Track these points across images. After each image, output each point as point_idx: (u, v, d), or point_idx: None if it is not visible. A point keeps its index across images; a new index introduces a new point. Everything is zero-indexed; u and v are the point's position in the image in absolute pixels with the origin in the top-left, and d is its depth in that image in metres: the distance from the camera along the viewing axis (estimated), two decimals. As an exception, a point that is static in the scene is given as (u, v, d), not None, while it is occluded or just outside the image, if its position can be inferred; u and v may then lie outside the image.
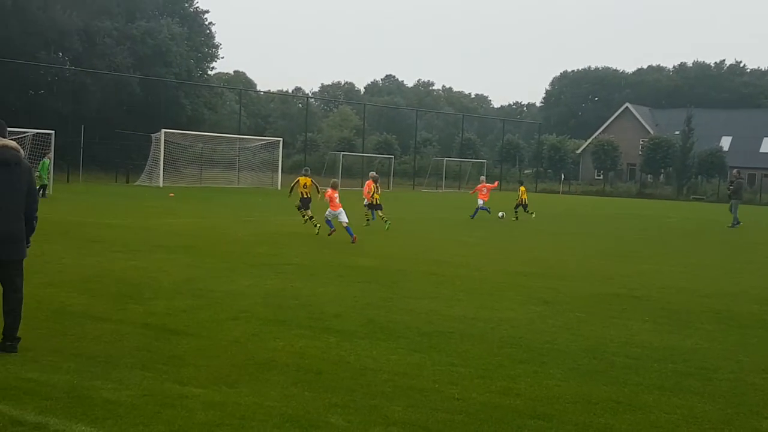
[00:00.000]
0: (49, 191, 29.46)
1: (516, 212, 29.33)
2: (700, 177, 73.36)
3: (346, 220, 18.90)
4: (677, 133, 75.46)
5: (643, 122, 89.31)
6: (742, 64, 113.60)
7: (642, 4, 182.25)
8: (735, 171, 34.43)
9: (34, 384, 6.07)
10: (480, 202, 28.76)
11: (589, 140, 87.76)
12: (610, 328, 9.32)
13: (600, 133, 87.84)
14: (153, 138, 45.75)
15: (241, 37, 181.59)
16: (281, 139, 54.27)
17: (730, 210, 30.77)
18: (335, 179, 22.02)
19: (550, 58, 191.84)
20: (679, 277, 14.47)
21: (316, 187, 21.39)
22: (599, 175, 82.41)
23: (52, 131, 33.83)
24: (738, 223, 29.95)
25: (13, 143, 7.09)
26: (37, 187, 27.64)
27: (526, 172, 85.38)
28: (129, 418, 5.43)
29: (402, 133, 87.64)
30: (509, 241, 20.80)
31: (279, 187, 49.16)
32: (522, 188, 29.58)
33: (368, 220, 22.86)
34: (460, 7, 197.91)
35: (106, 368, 6.59)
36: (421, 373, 6.95)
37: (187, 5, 67.50)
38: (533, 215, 29.59)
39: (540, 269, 14.66)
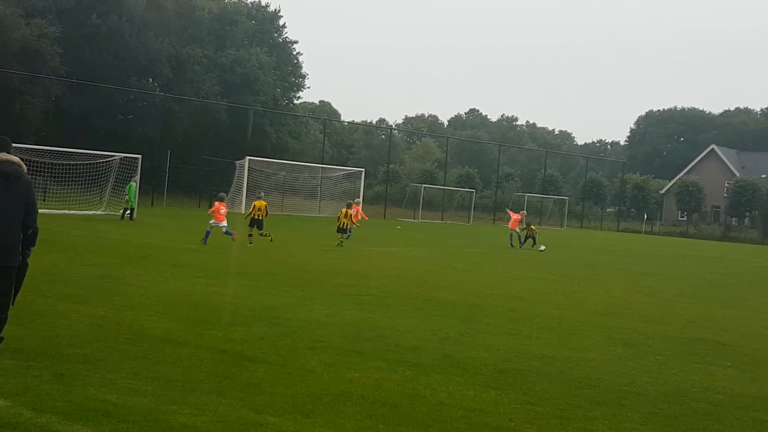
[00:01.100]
0: (135, 214, 30.38)
1: None
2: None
3: (225, 225, 22.64)
4: (764, 176, 73.26)
5: (729, 164, 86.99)
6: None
7: (730, 45, 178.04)
8: None
9: (112, 406, 6.18)
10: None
11: (674, 181, 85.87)
12: (691, 372, 9.06)
13: (684, 174, 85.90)
14: (237, 165, 46.78)
15: (328, 68, 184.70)
16: (363, 169, 54.77)
17: None
18: (222, 193, 25.89)
19: (635, 96, 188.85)
20: (763, 324, 14.00)
21: (266, 210, 23.76)
22: (683, 217, 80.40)
23: (139, 155, 34.95)
24: None
25: (16, 159, 7.49)
26: (124, 210, 28.37)
27: (608, 210, 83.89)
28: (206, 441, 5.52)
29: (484, 167, 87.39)
30: (591, 280, 20.43)
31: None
32: None
33: (341, 242, 24.67)
34: (546, 44, 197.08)
35: (183, 393, 6.70)
36: (497, 410, 6.88)
37: (276, 35, 69.22)
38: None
39: (621, 309, 14.36)
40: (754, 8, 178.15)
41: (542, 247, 29.93)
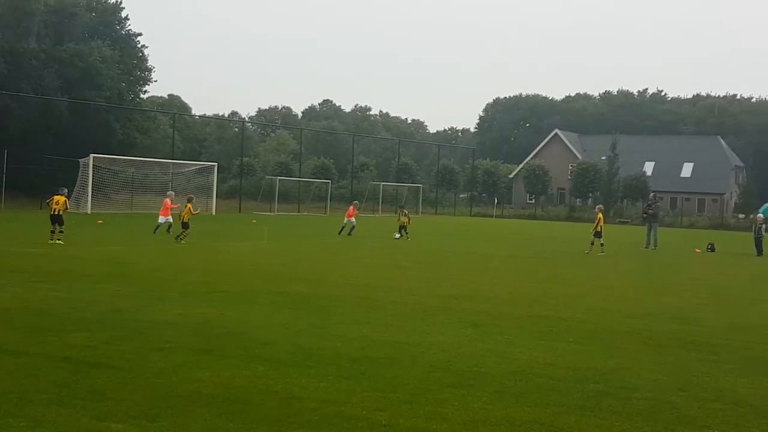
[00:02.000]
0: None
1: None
2: (625, 201, 75.39)
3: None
4: (603, 158, 77.53)
5: (571, 147, 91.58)
6: (663, 93, 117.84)
7: (569, 35, 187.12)
8: (652, 195, 35.84)
9: (-57, 422, 5.83)
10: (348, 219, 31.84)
11: (521, 165, 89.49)
12: (536, 350, 9.46)
13: (531, 158, 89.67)
14: (81, 163, 44.77)
15: (176, 61, 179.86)
16: (216, 163, 53.76)
17: (649, 232, 31.68)
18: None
19: (484, 84, 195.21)
20: (603, 299, 14.80)
21: (67, 205, 23.55)
22: (531, 199, 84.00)
23: (-28, 157, 32.88)
24: (655, 245, 30.93)
25: None
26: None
27: (461, 196, 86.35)
28: (43, 454, 5.25)
29: (339, 157, 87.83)
30: (443, 265, 20.96)
31: (214, 212, 48.62)
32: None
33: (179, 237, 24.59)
34: (397, 34, 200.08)
35: (19, 405, 6.36)
36: (350, 399, 6.92)
37: (118, 27, 66.52)
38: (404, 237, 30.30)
39: (471, 292, 14.80)
40: (589, 1, 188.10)
41: (396, 235, 30.41)
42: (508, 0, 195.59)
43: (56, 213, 22.71)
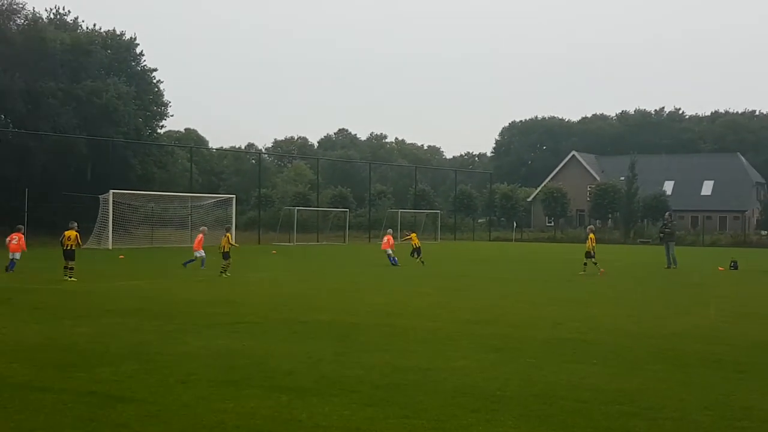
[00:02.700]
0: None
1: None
2: (645, 220, 74.91)
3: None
4: (622, 179, 77.21)
5: (589, 169, 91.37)
6: (680, 111, 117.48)
7: (584, 54, 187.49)
8: (667, 214, 35.87)
9: (-28, 461, 5.89)
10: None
11: (539, 188, 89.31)
12: (560, 372, 9.41)
13: (549, 181, 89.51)
14: (101, 199, 45.20)
15: (191, 95, 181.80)
16: (234, 196, 54.06)
17: (667, 252, 31.65)
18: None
19: (499, 107, 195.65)
20: (626, 320, 14.69)
21: (79, 240, 23.75)
22: (550, 222, 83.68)
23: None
24: (675, 264, 30.81)
25: None
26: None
27: (479, 221, 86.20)
28: (72, 489, 5.29)
29: (356, 186, 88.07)
30: (463, 290, 20.90)
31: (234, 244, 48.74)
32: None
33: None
34: (410, 61, 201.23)
35: (47, 440, 6.42)
36: (374, 427, 6.92)
37: (134, 64, 67.40)
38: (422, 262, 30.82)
39: (493, 317, 14.76)
40: (602, 24, 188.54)
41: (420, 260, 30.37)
42: (521, 23, 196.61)
43: (69, 248, 22.93)
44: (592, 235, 28.29)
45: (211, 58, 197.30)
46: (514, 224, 75.56)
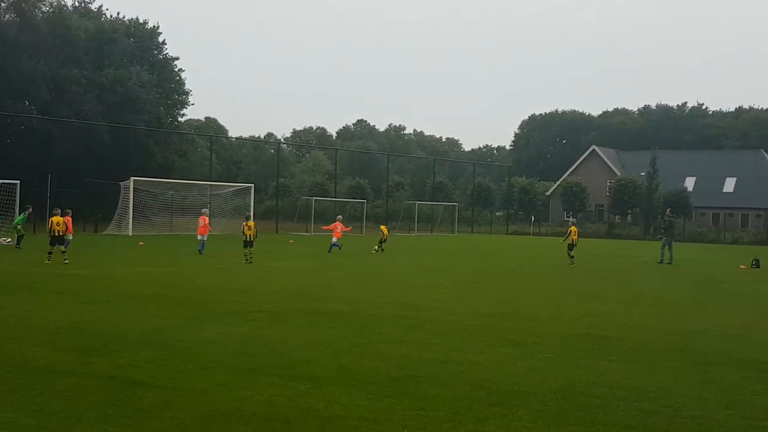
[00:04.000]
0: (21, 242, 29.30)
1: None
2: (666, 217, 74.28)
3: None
4: (643, 174, 76.65)
5: (609, 164, 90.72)
6: (704, 107, 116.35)
7: (606, 47, 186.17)
8: (668, 211, 36.05)
9: (-7, 441, 5.96)
10: (334, 239, 31.12)
11: (558, 182, 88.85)
12: (578, 368, 9.37)
13: (568, 175, 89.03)
14: (122, 186, 45.48)
15: (212, 84, 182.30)
16: (253, 185, 54.21)
17: (663, 247, 31.78)
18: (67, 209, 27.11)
19: (519, 101, 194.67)
20: (647, 317, 14.60)
21: (68, 225, 24.32)
22: (568, 217, 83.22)
23: (17, 181, 33.61)
24: (670, 261, 30.84)
25: None
26: (19, 237, 27.63)
27: (497, 214, 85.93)
28: (92, 472, 5.34)
29: (374, 177, 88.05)
30: (481, 283, 20.87)
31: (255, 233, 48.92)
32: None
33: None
34: (431, 51, 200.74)
35: (67, 424, 6.48)
36: (391, 418, 6.92)
37: (156, 52, 67.74)
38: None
39: (510, 311, 14.73)
40: (626, 16, 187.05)
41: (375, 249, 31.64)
42: (542, 15, 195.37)
43: (57, 234, 23.15)
44: (573, 228, 29.25)
45: (232, 47, 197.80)
46: (532, 218, 75.32)
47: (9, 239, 30.74)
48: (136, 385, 7.85)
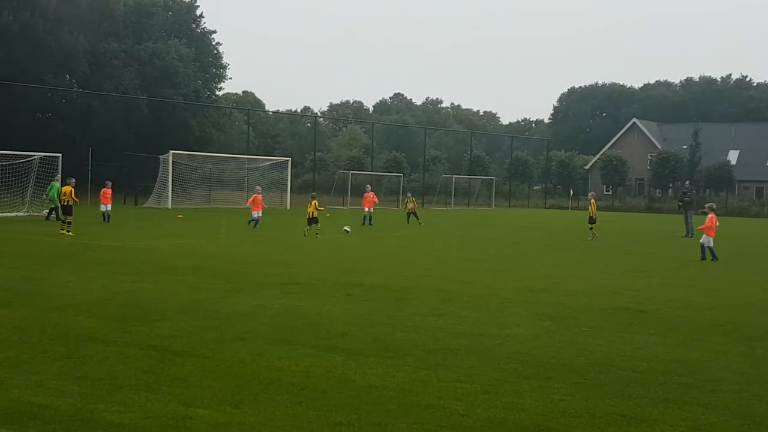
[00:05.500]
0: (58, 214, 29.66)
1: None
2: (708, 191, 73.18)
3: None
4: (685, 147, 75.41)
5: (650, 137, 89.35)
6: (748, 78, 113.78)
7: (648, 19, 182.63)
8: (687, 183, 35.64)
9: (38, 408, 6.08)
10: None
11: (598, 156, 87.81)
12: (616, 342, 9.30)
13: (608, 149, 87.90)
14: (161, 159, 45.97)
15: (249, 57, 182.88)
16: (290, 158, 54.42)
17: (686, 221, 31.29)
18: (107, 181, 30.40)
19: (557, 73, 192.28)
20: (687, 291, 14.43)
21: (73, 196, 23.98)
22: (608, 191, 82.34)
23: (59, 154, 34.12)
24: (691, 234, 30.27)
25: None
26: (51, 209, 28.25)
27: (535, 188, 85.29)
28: (133, 439, 5.44)
29: (411, 151, 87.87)
30: (518, 257, 20.77)
31: (288, 207, 49.28)
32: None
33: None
34: (468, 25, 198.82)
35: (110, 390, 6.61)
36: (427, 389, 6.94)
37: (194, 26, 68.05)
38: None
39: (547, 285, 14.64)
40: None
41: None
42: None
43: (66, 204, 23.48)
44: (593, 201, 29.27)
45: (269, 20, 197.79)
46: (571, 192, 74.62)
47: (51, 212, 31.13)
48: (176, 354, 7.97)
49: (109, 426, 5.71)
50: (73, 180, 25.39)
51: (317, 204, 25.71)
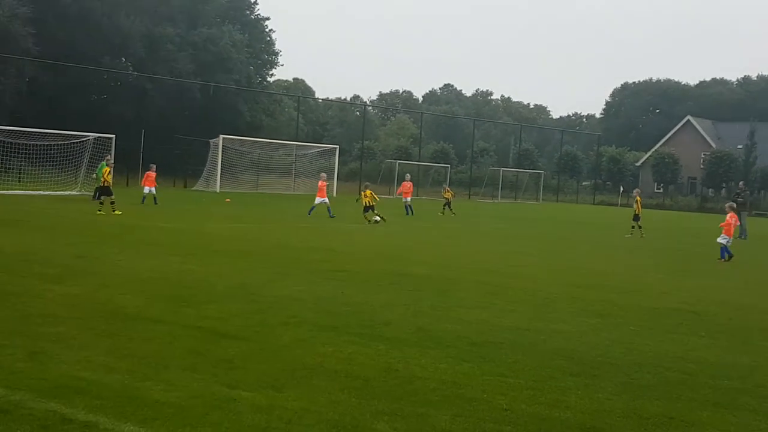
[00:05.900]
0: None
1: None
2: (762, 192, 71.48)
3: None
4: (740, 147, 73.71)
5: (705, 135, 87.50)
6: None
7: (705, 16, 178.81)
8: (741, 183, 34.76)
9: (86, 383, 6.17)
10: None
11: (650, 153, 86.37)
12: (665, 342, 9.12)
13: (661, 146, 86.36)
14: (211, 144, 46.45)
15: (301, 45, 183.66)
16: (338, 146, 54.56)
17: (740, 222, 30.37)
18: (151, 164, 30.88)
19: (610, 69, 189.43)
20: (739, 293, 14.12)
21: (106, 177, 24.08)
22: (659, 189, 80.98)
23: (113, 135, 34.68)
24: (745, 236, 29.45)
25: None
26: (96, 189, 28.57)
27: (584, 183, 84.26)
28: (177, 419, 5.49)
29: (459, 142, 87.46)
30: (565, 252, 20.54)
31: (335, 194, 49.44)
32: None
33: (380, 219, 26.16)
34: (521, 18, 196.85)
35: (156, 369, 6.68)
36: (470, 382, 6.89)
37: (248, 12, 68.53)
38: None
39: (595, 281, 14.44)
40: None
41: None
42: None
43: (104, 185, 23.75)
44: (638, 198, 28.74)
45: (321, 9, 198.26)
46: (621, 189, 73.54)
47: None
48: (221, 336, 8.03)
49: (154, 404, 5.77)
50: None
51: (372, 193, 26.53)
